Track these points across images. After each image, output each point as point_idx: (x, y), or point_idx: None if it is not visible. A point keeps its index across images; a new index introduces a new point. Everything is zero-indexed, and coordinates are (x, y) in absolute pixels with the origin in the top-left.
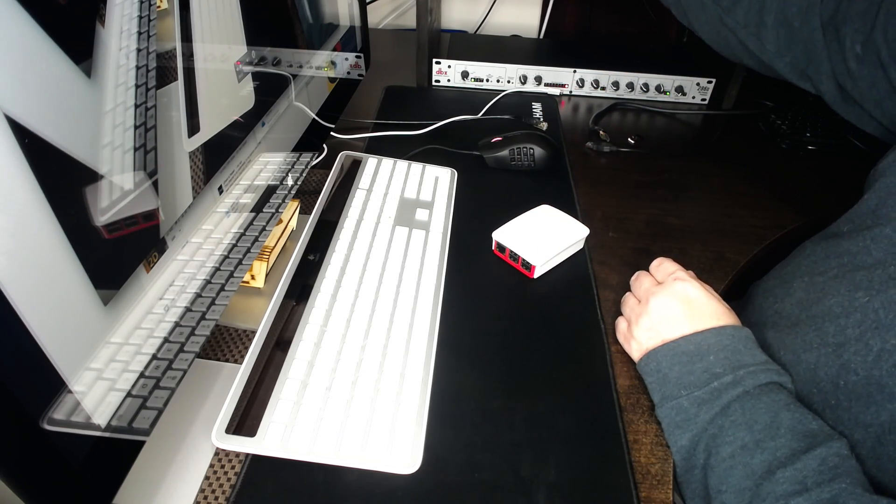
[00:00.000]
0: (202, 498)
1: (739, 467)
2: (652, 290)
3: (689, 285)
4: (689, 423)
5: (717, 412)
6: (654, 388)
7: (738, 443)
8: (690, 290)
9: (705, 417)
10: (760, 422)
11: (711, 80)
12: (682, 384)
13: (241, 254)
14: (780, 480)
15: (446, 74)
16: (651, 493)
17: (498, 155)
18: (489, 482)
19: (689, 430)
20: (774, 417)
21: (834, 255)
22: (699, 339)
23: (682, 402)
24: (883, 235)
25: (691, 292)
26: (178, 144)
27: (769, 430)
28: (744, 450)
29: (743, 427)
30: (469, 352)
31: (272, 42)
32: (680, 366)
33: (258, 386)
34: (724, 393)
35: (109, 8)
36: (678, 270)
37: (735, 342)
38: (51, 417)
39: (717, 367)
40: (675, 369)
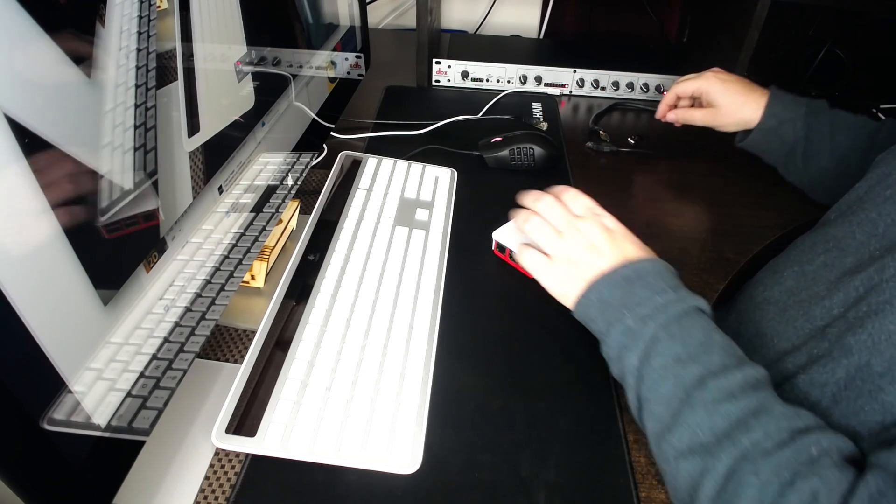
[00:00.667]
0: (202, 498)
1: (671, 377)
2: (576, 222)
3: (608, 218)
4: (636, 339)
5: (660, 325)
6: (599, 319)
7: (671, 355)
8: (611, 222)
9: (650, 331)
10: (695, 338)
11: None
12: (624, 305)
13: (241, 254)
14: (710, 388)
15: (446, 74)
16: (651, 493)
17: (498, 155)
18: (489, 482)
19: (636, 348)
20: (709, 337)
21: (821, 242)
22: (637, 266)
23: (627, 321)
24: (868, 220)
25: (613, 225)
26: (178, 144)
27: (703, 347)
28: (677, 362)
29: (678, 341)
30: (469, 352)
31: (272, 42)
32: (621, 290)
33: (258, 386)
34: (667, 308)
35: (109, 8)
36: (595, 205)
37: (668, 271)
38: (51, 417)
39: (658, 286)
40: (617, 293)
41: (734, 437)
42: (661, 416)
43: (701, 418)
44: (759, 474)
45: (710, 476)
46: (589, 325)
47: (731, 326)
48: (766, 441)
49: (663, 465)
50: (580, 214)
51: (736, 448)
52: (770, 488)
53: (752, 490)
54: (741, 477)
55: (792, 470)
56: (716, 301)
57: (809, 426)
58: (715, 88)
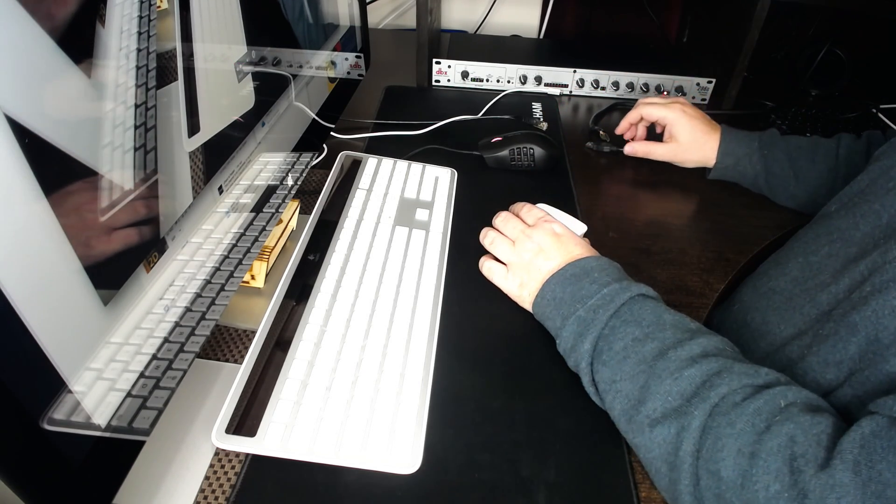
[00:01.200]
0: (202, 498)
1: (633, 356)
2: (527, 230)
3: (557, 225)
4: (589, 327)
5: (612, 313)
6: (554, 315)
7: (629, 337)
8: (559, 228)
9: (602, 319)
10: (647, 319)
11: (711, 81)
12: (576, 299)
13: (241, 254)
14: (671, 358)
15: (446, 74)
16: (651, 493)
17: (498, 155)
18: (489, 482)
19: (590, 333)
20: (659, 317)
21: (824, 234)
22: (582, 263)
23: (580, 313)
24: (871, 211)
25: (560, 230)
26: (178, 144)
27: (656, 326)
28: (635, 342)
29: (633, 324)
30: (469, 352)
31: (272, 42)
32: (571, 286)
33: (258, 386)
34: (616, 297)
35: (109, 8)
36: (546, 215)
37: (612, 266)
38: (51, 417)
39: (604, 279)
40: (568, 290)
41: (702, 394)
42: (629, 393)
43: (668, 386)
44: (734, 425)
45: (686, 433)
46: (545, 324)
47: (736, 317)
48: (733, 395)
49: (637, 438)
50: (531, 224)
51: (706, 403)
52: (746, 436)
53: (730, 440)
54: (718, 430)
55: (764, 418)
56: (716, 301)
57: (771, 382)
58: (681, 123)
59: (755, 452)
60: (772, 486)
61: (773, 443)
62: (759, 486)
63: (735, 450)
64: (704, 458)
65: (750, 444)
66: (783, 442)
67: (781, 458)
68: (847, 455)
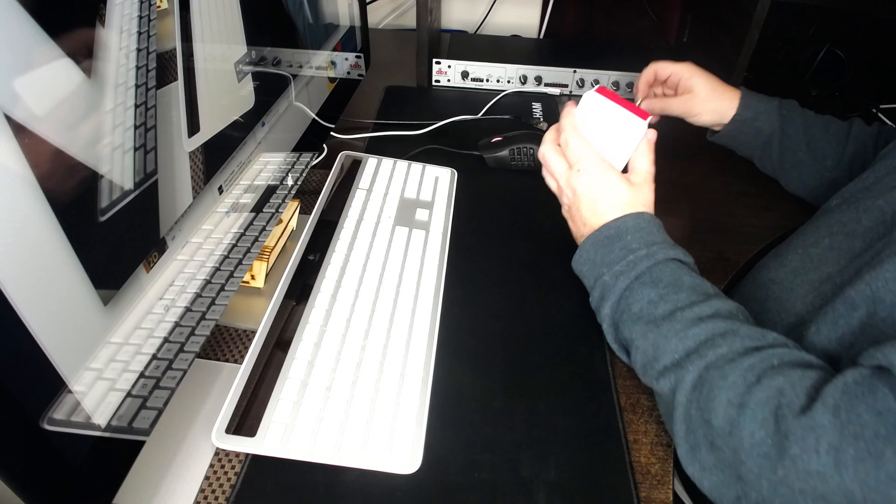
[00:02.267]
0: (202, 498)
1: (646, 317)
2: (569, 180)
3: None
4: (609, 292)
5: (632, 280)
6: (588, 275)
7: (645, 299)
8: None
9: (622, 285)
10: (665, 281)
11: None
12: (605, 263)
13: (241, 254)
14: (679, 319)
15: (446, 74)
16: (651, 493)
17: (498, 155)
18: (489, 482)
19: (610, 299)
20: (677, 279)
21: (825, 226)
22: (619, 224)
23: (606, 277)
24: (875, 206)
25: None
26: (178, 144)
27: (672, 287)
28: (650, 304)
29: (649, 286)
30: (469, 352)
31: (272, 42)
32: (603, 248)
33: (258, 386)
34: (637, 264)
35: (109, 8)
36: (585, 153)
37: (650, 225)
38: (51, 417)
39: (634, 244)
40: (600, 253)
41: (701, 352)
42: (644, 350)
43: (674, 344)
44: (727, 377)
45: (681, 386)
46: (582, 280)
47: None
48: (730, 353)
49: (652, 386)
50: (572, 165)
51: (702, 360)
52: (737, 388)
53: (721, 392)
54: (711, 381)
55: (756, 373)
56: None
57: (774, 343)
58: (698, 75)
59: (744, 403)
60: (757, 433)
61: (761, 394)
62: (744, 433)
63: (725, 400)
64: (698, 407)
65: (740, 395)
66: (771, 394)
67: (768, 409)
68: (828, 400)
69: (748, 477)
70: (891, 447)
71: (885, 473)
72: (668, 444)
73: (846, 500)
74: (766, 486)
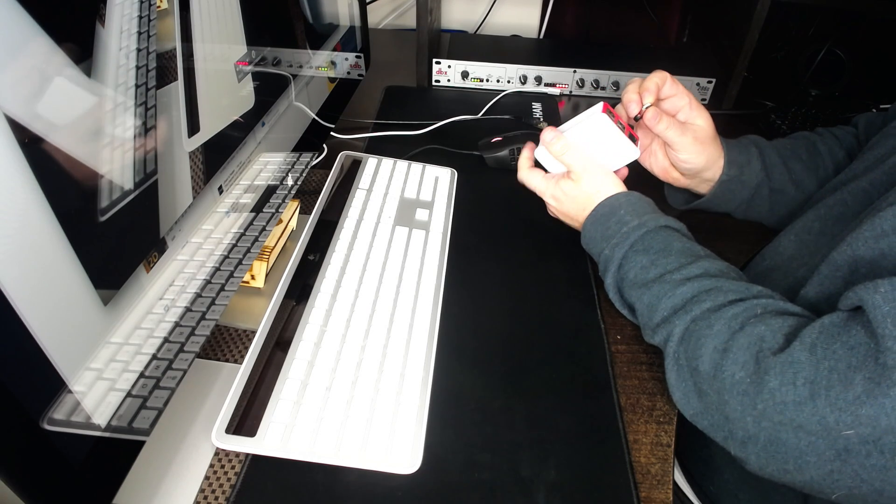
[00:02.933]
0: (202, 498)
1: (639, 282)
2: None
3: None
4: (609, 263)
5: (627, 249)
6: (594, 252)
7: (638, 266)
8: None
9: (619, 255)
10: (655, 248)
11: (711, 80)
12: (603, 238)
13: (241, 254)
14: (667, 280)
15: (446, 74)
16: (651, 493)
17: (498, 155)
18: (489, 482)
19: (611, 269)
20: (668, 245)
21: (814, 214)
22: (612, 201)
23: (606, 251)
24: (859, 189)
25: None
26: (178, 144)
27: (662, 253)
28: (642, 269)
29: (642, 253)
30: (469, 352)
31: (272, 42)
32: (601, 225)
33: (258, 386)
34: (631, 234)
35: (109, 8)
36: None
37: (641, 201)
38: (51, 417)
39: (627, 217)
40: (599, 230)
41: (687, 307)
42: (642, 312)
43: (665, 303)
44: (713, 326)
45: (671, 339)
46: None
47: None
48: (714, 306)
49: (651, 342)
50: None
51: (688, 314)
52: (721, 336)
53: (707, 340)
54: (698, 332)
55: (740, 321)
56: None
57: (759, 294)
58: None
59: (727, 348)
60: (738, 373)
61: (743, 340)
62: (726, 374)
63: (711, 347)
64: (686, 356)
65: (724, 341)
66: (753, 340)
67: (749, 353)
68: (806, 339)
69: (733, 415)
70: (860, 374)
71: (853, 395)
72: (668, 444)
73: (820, 425)
74: (751, 422)
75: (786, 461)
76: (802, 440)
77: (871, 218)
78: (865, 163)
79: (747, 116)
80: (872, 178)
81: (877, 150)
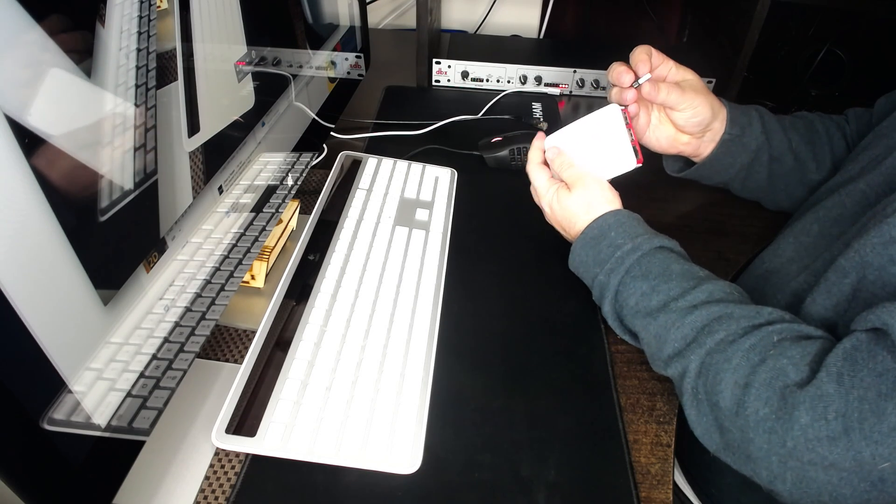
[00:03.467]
0: (202, 498)
1: (642, 310)
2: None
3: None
4: (605, 290)
5: (623, 275)
6: (585, 276)
7: (638, 292)
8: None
9: (615, 282)
10: (654, 272)
11: (711, 81)
12: (596, 263)
13: (241, 254)
14: (673, 309)
15: (446, 74)
16: (651, 493)
17: (498, 155)
18: (489, 482)
19: (607, 296)
20: (666, 268)
21: (812, 216)
22: (600, 223)
23: (600, 277)
24: (857, 191)
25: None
26: (178, 144)
27: (662, 277)
28: (643, 296)
29: (640, 279)
30: (469, 352)
31: (272, 42)
32: (592, 249)
33: (258, 386)
34: (626, 258)
35: (109, 8)
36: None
37: (630, 219)
38: (51, 417)
39: (619, 240)
40: (591, 254)
41: (700, 340)
42: (649, 343)
43: (673, 334)
44: (731, 360)
45: (687, 374)
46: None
47: None
48: (729, 336)
49: (663, 373)
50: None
51: (702, 347)
52: (742, 370)
53: (727, 374)
54: (716, 366)
55: (759, 352)
56: None
57: (773, 320)
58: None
59: (749, 383)
60: (762, 409)
61: (765, 375)
62: (749, 412)
63: (732, 382)
64: (705, 391)
65: (745, 376)
66: (775, 374)
67: (772, 388)
68: (831, 368)
69: (757, 455)
70: (892, 402)
71: (888, 426)
72: (668, 444)
73: (855, 461)
74: (776, 462)
75: (820, 494)
76: (834, 476)
77: (878, 224)
78: (861, 164)
79: None
80: (869, 180)
81: (871, 151)
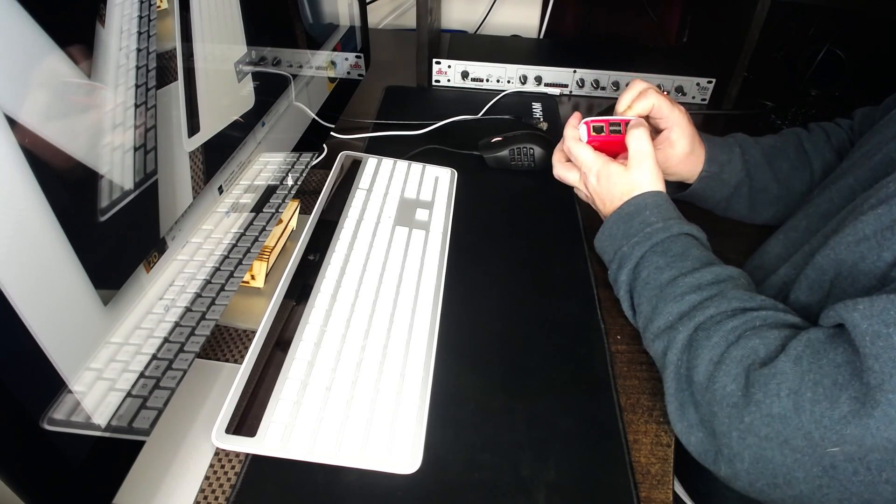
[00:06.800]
0: (202, 498)
1: (652, 282)
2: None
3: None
4: (627, 260)
5: (647, 249)
6: (608, 249)
7: (653, 266)
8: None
9: (638, 253)
10: (674, 251)
11: (711, 80)
12: (624, 236)
13: (241, 254)
14: (680, 285)
15: (446, 74)
16: (651, 493)
17: (498, 155)
18: (489, 482)
19: (626, 266)
20: (686, 249)
21: (802, 212)
22: (638, 201)
23: (624, 248)
24: (845, 186)
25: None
26: (178, 144)
27: (680, 257)
28: (657, 269)
29: (659, 254)
30: (469, 352)
31: (272, 42)
32: (624, 224)
33: (258, 386)
34: (653, 235)
35: (109, 8)
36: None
37: (667, 203)
38: (51, 417)
39: (652, 218)
40: (622, 228)
41: (692, 315)
42: (646, 313)
43: (670, 308)
44: (711, 338)
45: (673, 346)
46: (602, 257)
47: None
48: (718, 315)
49: (648, 348)
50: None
51: (692, 321)
52: (718, 348)
53: (705, 351)
54: (698, 342)
55: (738, 333)
56: None
57: (762, 305)
58: (686, 133)
59: (721, 360)
60: (728, 385)
61: (737, 353)
62: (717, 386)
63: (707, 359)
64: (686, 366)
65: (720, 353)
66: (746, 353)
67: (741, 366)
68: (791, 351)
69: (720, 429)
70: (846, 392)
71: (839, 414)
72: (668, 444)
73: (805, 440)
74: (736, 437)
75: (775, 476)
76: (788, 457)
77: (853, 222)
78: (853, 160)
79: (747, 116)
80: (858, 175)
81: (864, 147)
